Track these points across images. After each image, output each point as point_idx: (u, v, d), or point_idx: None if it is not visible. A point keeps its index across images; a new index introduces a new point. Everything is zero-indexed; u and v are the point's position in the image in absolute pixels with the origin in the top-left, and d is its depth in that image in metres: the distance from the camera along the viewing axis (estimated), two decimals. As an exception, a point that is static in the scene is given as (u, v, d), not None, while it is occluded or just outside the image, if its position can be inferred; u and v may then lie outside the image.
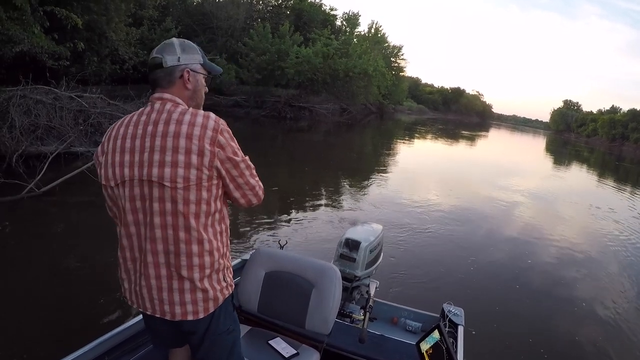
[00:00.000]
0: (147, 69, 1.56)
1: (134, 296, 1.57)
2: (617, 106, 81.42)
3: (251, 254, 2.58)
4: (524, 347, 4.20)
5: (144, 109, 1.52)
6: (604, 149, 56.63)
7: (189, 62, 1.54)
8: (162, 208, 1.43)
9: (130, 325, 2.25)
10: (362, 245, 3.01)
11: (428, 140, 30.41)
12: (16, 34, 9.45)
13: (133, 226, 1.48)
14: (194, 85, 1.56)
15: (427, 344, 2.32)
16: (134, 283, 1.55)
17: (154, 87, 1.53)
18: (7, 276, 4.25)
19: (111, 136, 1.50)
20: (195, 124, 1.42)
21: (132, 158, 1.45)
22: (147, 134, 1.44)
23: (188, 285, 1.49)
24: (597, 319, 5.05)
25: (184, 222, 1.44)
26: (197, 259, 1.47)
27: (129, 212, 1.47)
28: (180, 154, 1.40)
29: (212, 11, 29.43)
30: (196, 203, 1.44)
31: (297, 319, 2.21)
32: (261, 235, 6.20)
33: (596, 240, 8.74)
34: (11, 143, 7.16)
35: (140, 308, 1.58)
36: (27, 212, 5.99)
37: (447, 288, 5.22)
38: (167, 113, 1.46)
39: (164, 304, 1.51)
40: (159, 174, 1.41)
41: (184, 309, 1.51)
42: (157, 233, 1.45)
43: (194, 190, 1.43)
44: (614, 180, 21.71)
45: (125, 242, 1.52)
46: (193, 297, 1.50)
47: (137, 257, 1.51)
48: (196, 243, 1.46)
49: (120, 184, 1.47)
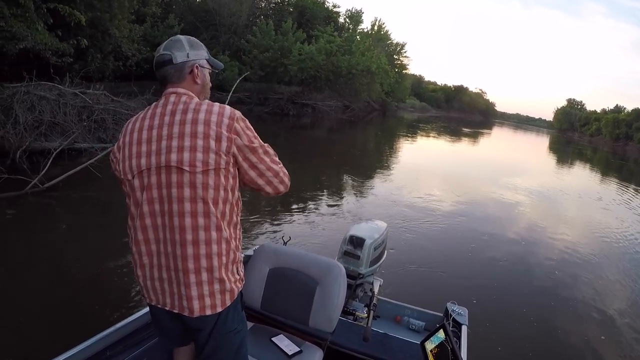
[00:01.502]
0: (154, 66, 1.57)
1: (152, 292, 1.56)
2: (621, 105, 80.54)
3: (255, 249, 2.56)
4: (527, 348, 4.19)
5: (157, 102, 1.54)
6: (607, 148, 56.31)
7: (196, 57, 1.58)
8: (181, 194, 1.43)
9: (133, 320, 2.26)
10: (367, 242, 3.00)
11: (431, 138, 30.33)
12: (20, 31, 9.43)
13: (149, 218, 1.48)
14: (202, 80, 1.60)
15: (432, 344, 2.31)
16: (150, 279, 1.54)
17: (164, 83, 1.56)
18: (10, 271, 4.28)
19: (127, 131, 1.53)
20: (213, 112, 1.46)
21: (149, 147, 1.46)
22: (164, 123, 1.47)
23: (206, 276, 1.47)
24: (603, 318, 5.04)
25: (204, 207, 1.44)
26: (216, 246, 1.47)
27: (145, 203, 1.47)
28: (198, 138, 1.42)
29: (215, 8, 29.35)
30: (215, 188, 1.45)
31: (301, 316, 2.20)
32: (264, 230, 6.21)
33: (602, 239, 8.72)
34: (15, 139, 7.18)
35: (159, 304, 1.56)
36: (31, 207, 6.01)
37: (450, 286, 5.23)
38: (184, 104, 1.49)
39: (182, 299, 1.49)
40: (178, 158, 1.42)
41: (202, 302, 1.49)
42: (175, 221, 1.44)
43: (212, 174, 1.43)
44: (617, 180, 21.61)
45: (140, 236, 1.51)
46: (211, 288, 1.49)
47: (154, 251, 1.50)
48: (215, 229, 1.46)
49: (138, 174, 1.47)
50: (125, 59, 17.73)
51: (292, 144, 15.81)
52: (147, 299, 1.60)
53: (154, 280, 1.53)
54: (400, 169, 14.24)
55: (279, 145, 1.59)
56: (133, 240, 1.54)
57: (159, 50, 1.56)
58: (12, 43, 9.61)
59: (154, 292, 1.55)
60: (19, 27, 9.37)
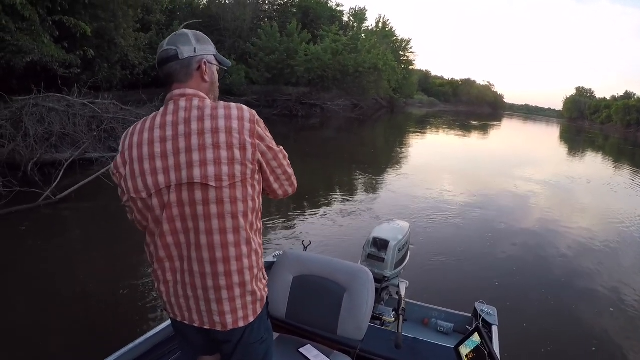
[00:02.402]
0: (157, 63, 1.42)
1: (177, 309, 1.46)
2: (631, 91, 79.49)
3: (276, 256, 2.47)
4: (562, 347, 4.04)
5: (165, 108, 1.38)
6: (619, 135, 55.75)
7: (204, 52, 1.43)
8: (208, 212, 1.32)
9: (153, 335, 2.16)
10: (391, 244, 2.90)
11: (441, 133, 30.13)
12: (26, 44, 9.46)
13: (171, 236, 1.36)
14: (211, 77, 1.45)
15: (467, 348, 2.19)
16: (175, 296, 1.44)
17: (169, 81, 1.40)
18: (26, 285, 4.22)
19: (132, 143, 1.36)
20: (232, 117, 1.32)
21: (165, 163, 1.32)
22: (180, 134, 1.31)
23: (239, 292, 1.39)
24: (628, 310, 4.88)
25: (233, 223, 1.34)
26: (247, 261, 1.38)
27: (166, 222, 1.35)
28: (222, 149, 1.30)
29: (219, 13, 29.42)
30: (243, 200, 1.35)
31: (329, 324, 2.10)
32: (281, 234, 6.11)
33: (617, 226, 8.51)
34: (26, 152, 7.17)
35: (185, 320, 1.46)
36: (45, 219, 5.97)
37: (476, 283, 5.12)
38: (198, 109, 1.33)
39: (214, 315, 1.40)
40: (202, 173, 1.30)
41: (235, 316, 1.41)
42: (202, 239, 1.33)
43: (239, 187, 1.33)
44: (630, 167, 21.26)
45: (162, 254, 1.39)
46: (244, 301, 1.41)
47: (179, 268, 1.40)
48: (245, 244, 1.37)
49: (155, 193, 1.34)
50: (132, 68, 17.79)
51: (302, 145, 15.72)
52: (171, 314, 1.50)
53: (178, 298, 1.43)
54: (412, 165, 14.11)
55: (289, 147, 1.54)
56: (155, 256, 1.42)
57: (162, 45, 1.41)
58: (20, 57, 9.63)
59: (179, 309, 1.46)
60: (25, 41, 9.40)
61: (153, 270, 1.46)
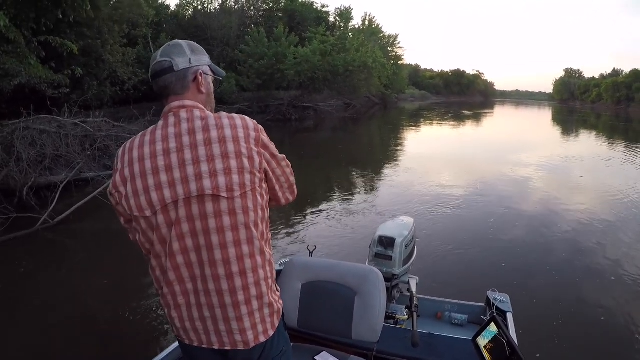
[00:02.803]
0: (150, 76, 1.36)
1: (193, 334, 1.37)
2: (618, 69, 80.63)
3: (283, 264, 2.42)
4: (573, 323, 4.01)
5: (165, 121, 1.32)
6: (610, 113, 56.34)
7: (199, 63, 1.38)
8: (221, 224, 1.26)
9: (163, 358, 2.09)
10: (397, 241, 2.85)
11: (435, 125, 30.18)
12: (13, 67, 9.38)
13: (181, 255, 1.29)
14: (207, 88, 1.41)
15: (485, 339, 2.14)
16: (189, 320, 1.36)
17: (165, 94, 1.35)
18: (29, 314, 4.14)
19: (132, 159, 1.28)
20: (237, 127, 1.30)
21: (171, 176, 1.26)
22: (185, 145, 1.26)
23: (257, 305, 1.33)
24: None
25: (247, 234, 1.29)
26: (262, 272, 1.33)
27: (175, 240, 1.28)
28: (231, 159, 1.26)
29: (205, 22, 29.41)
30: (254, 210, 1.30)
31: (342, 329, 2.06)
32: (285, 239, 6.04)
33: (624, 207, 8.47)
34: (20, 176, 7.07)
35: (203, 344, 1.38)
36: (44, 244, 5.88)
37: (484, 269, 5.15)
38: (201, 119, 1.29)
39: (234, 334, 1.33)
40: (213, 184, 1.25)
41: (255, 331, 1.35)
42: (217, 255, 1.27)
43: (250, 196, 1.29)
44: (625, 142, 21.31)
45: (172, 276, 1.31)
46: (262, 315, 1.35)
47: (190, 289, 1.32)
48: (259, 254, 1.32)
49: (161, 209, 1.26)
50: (122, 84, 17.74)
51: (297, 147, 15.68)
52: (187, 340, 1.41)
53: (194, 321, 1.35)
54: (409, 159, 14.09)
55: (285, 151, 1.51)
56: (163, 281, 1.34)
57: (155, 57, 1.35)
58: (7, 80, 9.56)
59: (195, 333, 1.37)
60: (11, 64, 9.32)
61: (162, 295, 1.37)
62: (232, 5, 33.45)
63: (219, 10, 31.99)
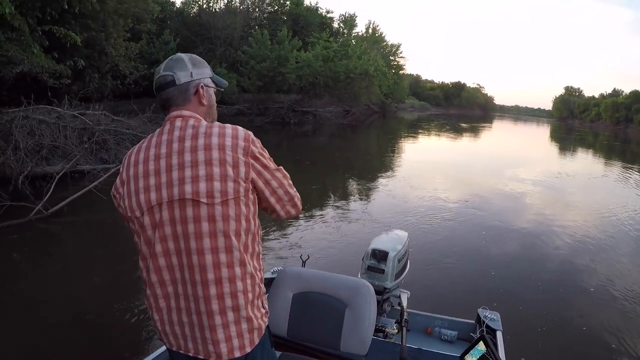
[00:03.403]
0: (154, 89, 1.42)
1: (172, 338, 1.39)
2: (619, 89, 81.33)
3: (275, 273, 2.43)
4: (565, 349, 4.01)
5: (162, 128, 1.39)
6: (608, 132, 56.59)
7: (201, 76, 1.44)
8: (199, 229, 1.28)
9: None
10: (390, 255, 2.86)
11: (433, 136, 30.29)
12: (16, 54, 9.38)
13: (162, 258, 1.32)
14: (208, 101, 1.47)
15: (473, 357, 2.17)
16: (169, 323, 1.38)
17: (167, 106, 1.41)
18: (18, 305, 4.12)
19: (130, 163, 1.37)
20: (226, 135, 1.32)
21: (158, 180, 1.31)
22: (174, 151, 1.31)
23: (232, 317, 1.32)
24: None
25: (225, 242, 1.29)
26: (241, 284, 1.32)
27: (158, 242, 1.31)
28: (214, 166, 1.28)
29: (210, 21, 29.48)
30: (236, 219, 1.30)
31: (331, 341, 2.06)
32: (278, 247, 5.98)
33: (615, 225, 8.53)
34: (16, 165, 7.06)
35: (180, 349, 1.39)
36: (37, 234, 5.85)
37: (475, 284, 5.14)
38: (193, 128, 1.34)
39: (208, 344, 1.33)
40: (193, 189, 1.28)
41: (230, 345, 1.33)
42: (194, 260, 1.29)
43: (232, 205, 1.29)
44: (620, 163, 21.46)
45: (154, 278, 1.34)
46: (238, 329, 1.34)
47: (171, 293, 1.34)
48: (239, 265, 1.31)
49: (147, 210, 1.31)
50: (123, 78, 17.75)
51: (295, 152, 15.68)
52: (167, 344, 1.43)
53: (173, 325, 1.37)
54: (406, 169, 14.10)
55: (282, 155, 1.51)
56: (147, 282, 1.37)
57: (158, 71, 1.41)
58: (9, 67, 9.56)
59: (174, 337, 1.39)
60: (14, 51, 9.32)
61: (146, 296, 1.40)
62: (237, 6, 33.55)
63: (224, 9, 32.10)
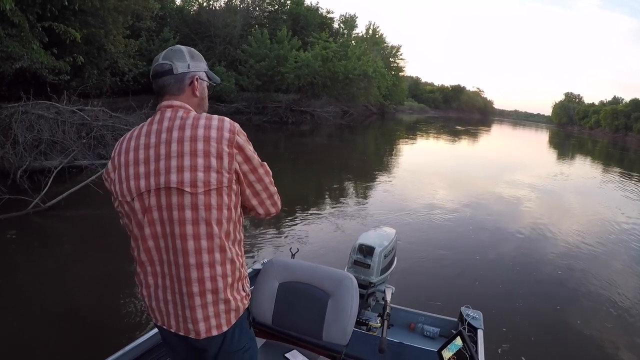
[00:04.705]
0: (151, 76, 1.51)
1: (157, 313, 1.51)
2: (619, 96, 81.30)
3: (264, 263, 2.51)
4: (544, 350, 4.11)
5: (153, 118, 1.47)
6: (607, 140, 56.61)
7: (197, 69, 1.53)
8: (183, 216, 1.37)
9: (143, 341, 2.20)
10: (377, 250, 2.96)
11: (431, 139, 30.35)
12: (15, 50, 9.42)
13: (151, 240, 1.42)
14: (201, 93, 1.55)
15: (450, 352, 2.26)
16: (155, 300, 1.49)
17: (161, 94, 1.49)
18: (15, 292, 4.21)
19: (121, 150, 1.46)
20: (212, 127, 1.39)
21: (147, 168, 1.40)
22: (162, 141, 1.40)
23: (211, 298, 1.43)
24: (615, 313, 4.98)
25: (207, 229, 1.38)
26: (220, 268, 1.42)
27: (147, 225, 1.41)
28: (199, 157, 1.36)
29: (209, 19, 29.46)
30: (217, 208, 1.39)
31: (314, 330, 2.14)
32: (270, 242, 6.13)
33: (608, 232, 8.64)
34: (15, 159, 7.13)
35: (164, 325, 1.51)
36: (34, 227, 5.95)
37: (462, 288, 5.19)
38: (181, 119, 1.42)
39: (187, 322, 1.45)
40: (178, 179, 1.36)
41: (207, 324, 1.44)
42: (178, 244, 1.39)
43: (214, 194, 1.38)
44: (619, 169, 21.58)
45: (144, 257, 1.46)
46: (216, 309, 1.44)
47: (158, 272, 1.46)
48: (219, 251, 1.41)
49: (137, 196, 1.41)
50: (122, 74, 17.78)
51: (292, 152, 15.76)
52: (154, 319, 1.54)
53: (159, 302, 1.49)
54: (402, 171, 14.21)
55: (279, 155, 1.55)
56: (137, 261, 1.49)
57: (157, 59, 1.50)
58: (9, 63, 9.61)
59: (159, 313, 1.51)
60: (14, 47, 9.35)
61: (136, 274, 1.51)
62: (237, 5, 33.54)
63: (224, 8, 32.07)
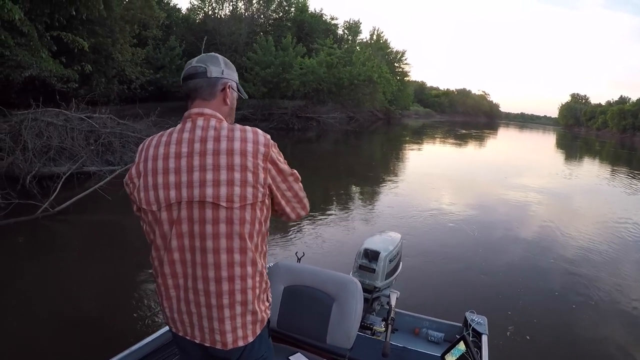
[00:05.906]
0: (182, 78, 1.49)
1: (179, 324, 1.48)
2: (626, 96, 79.78)
3: (269, 267, 2.54)
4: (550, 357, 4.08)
5: (182, 125, 1.42)
6: (615, 140, 56.14)
7: (230, 77, 1.51)
8: (217, 230, 1.35)
9: (151, 340, 2.23)
10: (382, 255, 2.96)
11: (437, 143, 30.32)
12: (25, 59, 9.61)
13: (177, 252, 1.38)
14: (232, 102, 1.52)
15: (453, 357, 2.27)
16: (177, 312, 1.46)
17: (192, 97, 1.45)
18: (24, 298, 4.26)
19: (148, 156, 1.40)
20: (247, 140, 1.37)
21: (178, 178, 1.36)
22: (195, 152, 1.35)
23: (240, 310, 1.41)
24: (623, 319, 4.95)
25: (240, 243, 1.36)
26: (251, 281, 1.41)
27: (175, 238, 1.38)
28: (236, 171, 1.33)
29: (215, 28, 29.73)
30: (251, 223, 1.37)
31: (318, 333, 2.15)
32: (277, 245, 6.13)
33: (617, 235, 8.58)
34: (25, 165, 7.27)
35: (187, 336, 1.49)
36: (43, 231, 6.03)
37: (468, 293, 5.14)
38: (214, 130, 1.37)
39: (215, 334, 1.42)
40: (214, 193, 1.33)
41: (234, 335, 1.43)
42: (209, 258, 1.36)
43: (249, 209, 1.36)
44: (628, 170, 21.44)
45: (167, 270, 1.42)
46: (244, 320, 1.43)
47: (181, 285, 1.42)
48: (250, 264, 1.40)
49: (166, 207, 1.37)
50: (130, 82, 17.99)
51: (298, 158, 15.77)
52: (173, 329, 1.52)
53: (181, 314, 1.46)
54: (409, 176, 14.20)
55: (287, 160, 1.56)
56: (159, 272, 1.45)
57: (190, 62, 1.48)
58: (18, 71, 9.79)
59: (181, 324, 1.48)
60: (24, 56, 9.55)
61: (157, 284, 1.48)
62: (242, 12, 33.82)
63: (229, 16, 32.34)
